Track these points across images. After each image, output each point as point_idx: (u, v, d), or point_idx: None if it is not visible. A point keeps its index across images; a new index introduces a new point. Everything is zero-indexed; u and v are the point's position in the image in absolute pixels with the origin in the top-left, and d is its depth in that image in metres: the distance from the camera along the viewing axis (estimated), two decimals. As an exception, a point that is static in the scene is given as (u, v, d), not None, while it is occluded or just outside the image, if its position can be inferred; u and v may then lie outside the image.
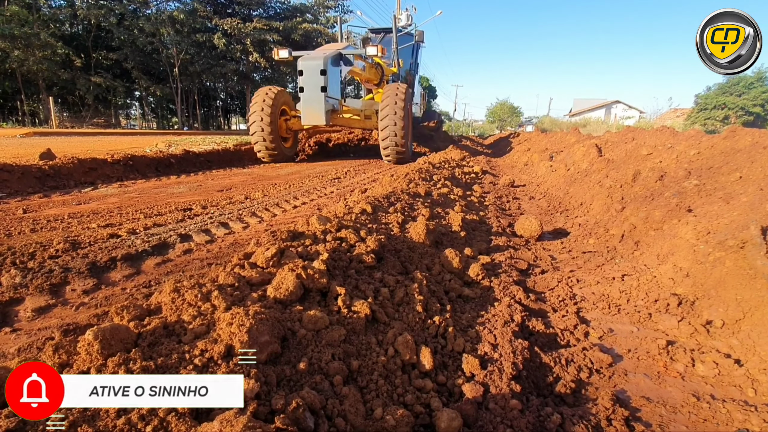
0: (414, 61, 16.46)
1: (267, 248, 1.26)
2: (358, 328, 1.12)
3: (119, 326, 0.82)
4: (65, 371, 0.74)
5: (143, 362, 0.75)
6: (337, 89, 8.55)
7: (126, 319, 0.93)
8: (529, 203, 4.64)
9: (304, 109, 8.18)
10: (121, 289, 2.24)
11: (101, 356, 0.75)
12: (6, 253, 2.65)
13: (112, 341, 0.78)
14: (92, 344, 0.76)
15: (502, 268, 2.13)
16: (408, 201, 2.77)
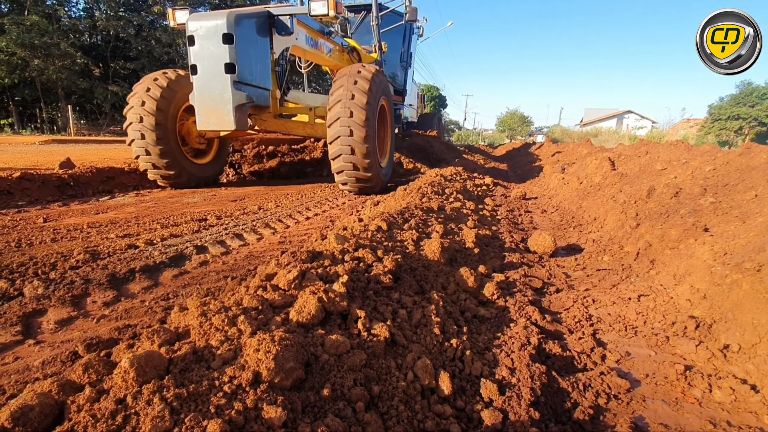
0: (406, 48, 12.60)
1: (289, 270, 1.29)
2: (378, 352, 1.13)
3: (153, 353, 0.84)
4: (102, 398, 0.77)
5: (176, 390, 0.77)
6: (263, 72, 5.40)
7: (156, 343, 0.96)
8: (541, 217, 4.63)
9: (198, 104, 4.97)
10: (140, 302, 2.28)
11: (136, 383, 0.78)
12: (28, 263, 2.72)
13: (146, 368, 0.81)
14: (128, 371, 0.79)
15: (516, 287, 2.13)
16: (422, 217, 2.79)
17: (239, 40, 4.87)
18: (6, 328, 1.91)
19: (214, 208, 4.88)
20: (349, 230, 2.12)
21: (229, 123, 4.98)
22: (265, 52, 5.52)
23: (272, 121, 6.09)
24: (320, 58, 7.16)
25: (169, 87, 5.79)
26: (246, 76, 5.08)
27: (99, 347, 1.70)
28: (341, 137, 5.21)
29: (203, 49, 4.90)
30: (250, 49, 5.16)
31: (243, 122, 5.11)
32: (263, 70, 5.48)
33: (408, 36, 12.60)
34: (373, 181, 5.64)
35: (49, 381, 0.95)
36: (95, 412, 0.73)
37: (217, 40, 4.80)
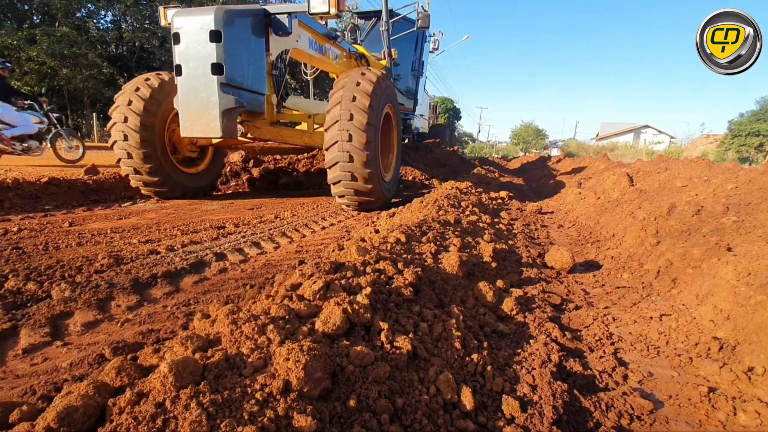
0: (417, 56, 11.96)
1: (314, 281, 1.32)
2: (401, 365, 1.15)
3: (189, 359, 0.87)
4: (143, 401, 0.80)
5: (212, 395, 0.80)
6: (257, 74, 4.91)
7: (190, 349, 0.99)
8: (558, 232, 4.59)
9: (182, 108, 4.51)
10: (162, 307, 2.33)
11: (174, 388, 0.81)
12: (55, 266, 2.81)
13: (183, 373, 0.84)
14: (167, 376, 0.82)
15: (535, 303, 2.12)
16: (439, 230, 2.80)
17: (228, 39, 4.40)
18: (35, 329, 1.98)
19: (232, 216, 4.97)
20: (368, 242, 2.15)
21: (215, 129, 4.48)
22: (260, 54, 4.98)
23: (267, 128, 5.51)
24: (326, 64, 6.67)
25: (161, 88, 5.35)
26: (236, 78, 4.56)
27: (125, 351, 1.74)
28: (339, 142, 4.67)
29: (189, 48, 4.39)
30: (242, 50, 4.65)
31: (231, 129, 4.59)
32: (257, 72, 4.95)
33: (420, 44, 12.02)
34: (375, 194, 5.06)
35: (85, 383, 0.98)
36: (136, 415, 0.76)
37: (204, 38, 4.31)
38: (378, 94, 5.00)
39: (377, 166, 5.07)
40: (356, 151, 4.70)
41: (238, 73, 4.62)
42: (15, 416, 1.24)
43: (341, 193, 5.08)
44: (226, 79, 4.45)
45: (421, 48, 12.21)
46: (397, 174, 6.47)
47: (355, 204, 5.22)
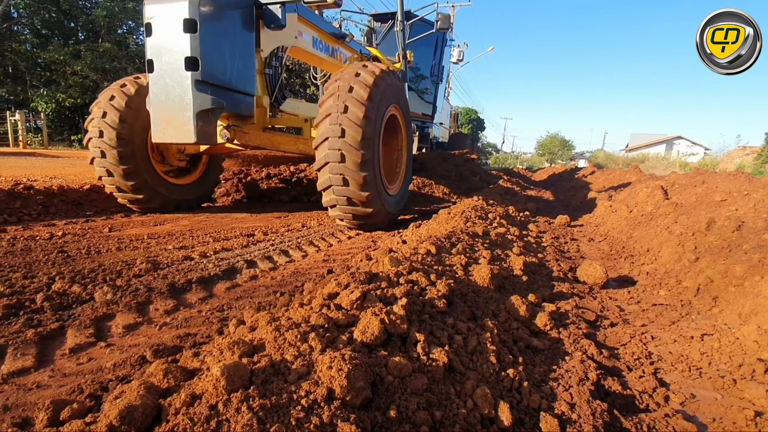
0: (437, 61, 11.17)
1: (351, 291, 1.34)
2: (437, 377, 1.15)
3: (239, 363, 0.91)
4: (196, 403, 0.83)
5: (261, 400, 0.83)
6: (244, 73, 4.39)
7: (237, 354, 1.02)
8: (588, 245, 4.48)
9: (153, 110, 4.04)
10: (197, 312, 2.41)
11: (226, 391, 0.84)
12: (98, 270, 2.94)
13: (234, 377, 0.87)
14: (219, 380, 0.85)
15: (569, 318, 2.07)
16: (468, 242, 2.79)
17: (206, 29, 3.85)
18: (81, 330, 2.07)
19: (261, 224, 5.08)
20: (399, 253, 2.16)
21: (187, 134, 3.90)
22: (248, 49, 4.46)
23: (256, 134, 4.89)
24: (334, 66, 6.12)
25: (138, 94, 4.77)
26: (215, 75, 4.02)
27: (165, 354, 1.81)
28: (330, 164, 4.02)
29: (161, 40, 3.88)
30: (224, 43, 4.11)
31: (207, 134, 4.01)
32: (244, 70, 4.41)
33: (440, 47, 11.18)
34: (377, 216, 4.44)
35: (136, 383, 1.03)
36: (192, 416, 0.79)
37: (178, 28, 3.77)
38: (380, 89, 4.33)
39: (377, 173, 4.33)
40: (351, 173, 3.99)
41: (218, 69, 4.07)
42: (66, 414, 1.30)
43: (332, 202, 4.27)
44: (203, 76, 3.88)
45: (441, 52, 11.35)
46: (405, 188, 5.57)
47: (350, 217, 4.42)
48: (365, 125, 4.04)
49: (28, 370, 1.72)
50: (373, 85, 4.23)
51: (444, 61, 11.72)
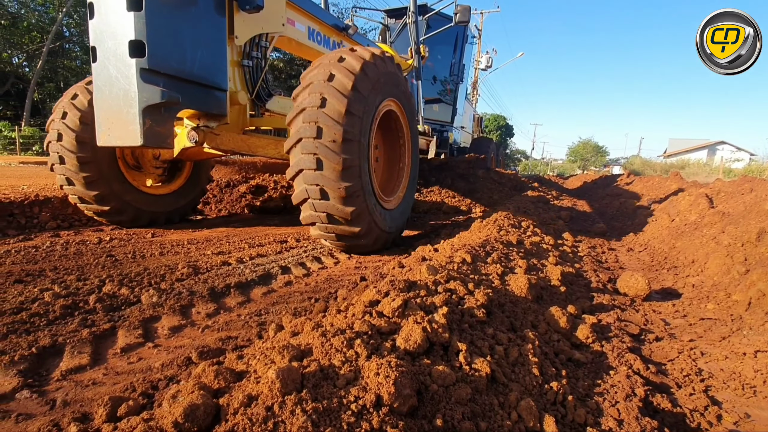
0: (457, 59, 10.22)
1: (393, 299, 1.36)
2: (480, 387, 1.14)
3: (292, 367, 0.94)
4: (253, 404, 0.87)
5: (313, 403, 0.85)
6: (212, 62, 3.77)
7: (286, 358, 1.06)
8: (627, 255, 4.32)
9: (97, 106, 3.38)
10: (237, 315, 2.49)
11: (280, 394, 0.87)
12: (143, 274, 3.09)
13: (288, 380, 0.90)
14: (274, 382, 0.88)
15: (611, 332, 2.01)
16: (503, 250, 2.75)
17: (154, 7, 3.13)
18: (130, 331, 2.18)
19: (293, 230, 5.19)
20: (434, 261, 2.16)
21: (133, 135, 3.20)
22: (217, 35, 3.77)
23: (230, 136, 4.10)
24: None
25: None
26: (168, 63, 3.31)
27: (209, 356, 1.88)
28: (305, 172, 3.27)
29: (104, 23, 3.20)
30: (182, 26, 3.41)
31: (159, 135, 3.28)
32: (211, 60, 3.71)
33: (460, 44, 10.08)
34: (367, 236, 3.63)
35: (191, 383, 1.08)
36: (250, 416, 0.83)
37: (122, 6, 3.08)
38: (371, 77, 3.51)
39: (366, 182, 3.50)
40: (328, 154, 3.17)
41: (173, 56, 3.36)
42: (123, 410, 1.37)
43: (310, 219, 3.51)
44: (150, 63, 3.16)
45: (462, 49, 10.24)
46: (409, 200, 4.61)
47: (333, 237, 3.66)
48: (348, 123, 3.25)
49: (84, 367, 1.82)
50: (361, 73, 3.39)
51: (465, 59, 10.64)
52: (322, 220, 3.49)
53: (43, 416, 1.47)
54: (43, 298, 2.44)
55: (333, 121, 3.22)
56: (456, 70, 10.47)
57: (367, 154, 3.60)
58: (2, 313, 2.21)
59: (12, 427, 1.43)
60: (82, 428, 1.28)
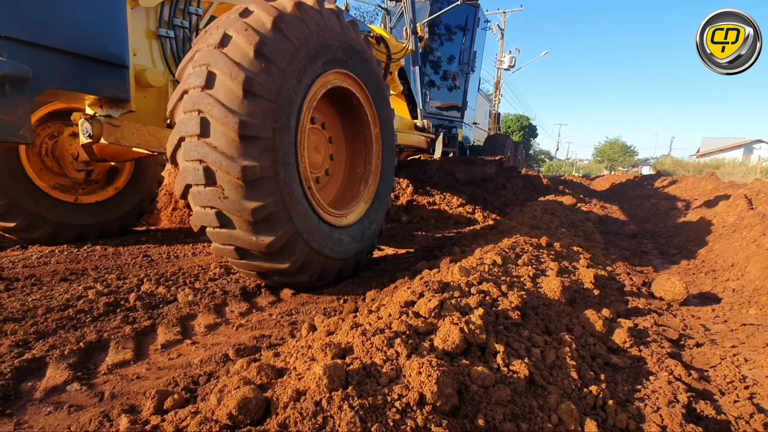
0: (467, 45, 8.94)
1: (429, 299, 1.37)
2: (519, 389, 1.14)
3: (338, 364, 0.97)
4: (302, 399, 0.90)
5: (359, 400, 0.87)
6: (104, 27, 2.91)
7: (329, 356, 1.08)
8: (661, 258, 4.19)
9: None
10: (269, 315, 2.54)
11: (327, 390, 0.90)
12: (178, 273, 3.19)
13: (334, 377, 0.93)
14: (322, 378, 0.91)
15: (649, 336, 1.96)
16: (533, 252, 2.72)
17: None
18: (169, 328, 2.26)
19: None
20: (465, 262, 2.16)
21: None
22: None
23: (134, 129, 3.14)
24: None
25: None
26: (15, 22, 2.48)
27: (245, 353, 1.93)
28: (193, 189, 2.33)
29: None
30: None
31: (7, 126, 2.46)
32: (99, 24, 2.87)
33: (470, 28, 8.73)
34: (305, 271, 2.70)
35: (237, 378, 1.12)
36: (300, 410, 0.85)
37: None
38: (295, 38, 2.41)
39: (294, 197, 2.50)
40: (219, 160, 2.18)
41: (21, 16, 2.51)
42: (169, 403, 1.43)
43: (218, 253, 2.58)
44: None
45: (472, 34, 8.89)
46: (377, 212, 3.42)
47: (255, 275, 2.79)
48: (250, 110, 2.19)
49: (128, 362, 1.91)
50: (274, 32, 2.30)
51: (477, 45, 9.27)
52: (233, 256, 2.50)
53: (93, 408, 1.55)
54: (87, 296, 2.56)
55: (224, 109, 2.13)
56: (466, 58, 9.04)
57: (294, 156, 2.50)
58: (51, 309, 2.33)
59: (65, 418, 1.51)
60: (131, 419, 1.34)
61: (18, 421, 1.50)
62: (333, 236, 2.90)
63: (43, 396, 1.63)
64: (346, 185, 3.48)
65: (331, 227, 2.91)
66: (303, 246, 2.60)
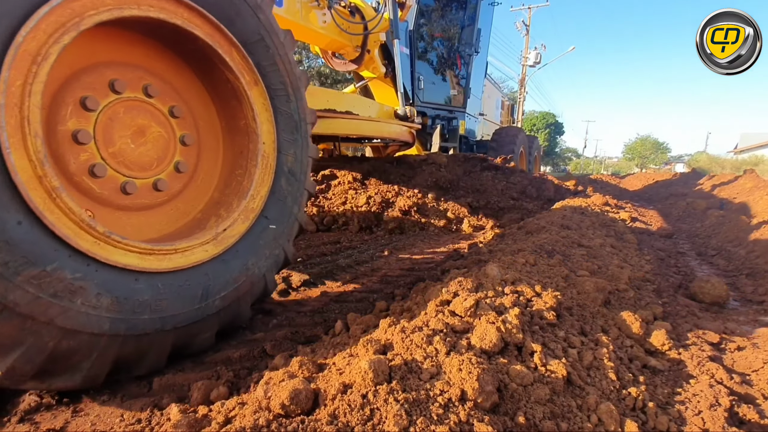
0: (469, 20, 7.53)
1: (464, 299, 1.39)
2: (557, 389, 1.15)
3: (381, 360, 1.01)
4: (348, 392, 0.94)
5: (403, 394, 0.91)
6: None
7: (371, 351, 1.13)
8: (698, 260, 4.05)
9: None
10: (300, 313, 2.62)
11: (372, 383, 0.94)
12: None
13: (379, 371, 0.97)
14: (367, 372, 0.95)
15: (688, 339, 1.91)
16: (564, 252, 2.69)
17: None
18: (208, 324, 2.36)
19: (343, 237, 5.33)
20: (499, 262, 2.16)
21: None
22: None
23: None
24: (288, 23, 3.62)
25: None
26: None
27: (282, 349, 2.00)
28: None
29: None
30: None
31: None
32: None
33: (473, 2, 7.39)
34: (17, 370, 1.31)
35: (281, 371, 1.17)
36: (348, 402, 0.90)
37: None
38: None
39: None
40: None
41: None
42: (215, 395, 1.51)
43: None
44: None
45: (476, 9, 7.50)
46: (260, 234, 2.18)
47: None
48: None
49: (172, 355, 2.00)
50: None
51: (481, 23, 7.76)
52: None
53: (143, 397, 1.65)
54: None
55: None
56: (469, 37, 7.60)
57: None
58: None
59: (118, 406, 1.61)
60: (181, 409, 1.42)
61: (75, 409, 1.62)
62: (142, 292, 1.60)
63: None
64: (184, 198, 2.12)
65: (141, 275, 1.61)
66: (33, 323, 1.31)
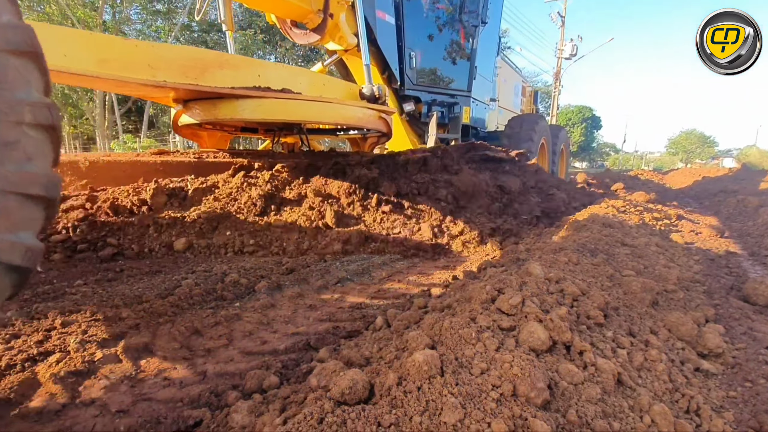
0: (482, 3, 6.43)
1: (510, 296, 1.40)
2: (608, 389, 1.14)
3: (433, 353, 1.04)
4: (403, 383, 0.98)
5: (457, 387, 0.94)
6: None
7: (421, 345, 1.16)
8: (751, 260, 3.83)
9: None
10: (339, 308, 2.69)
11: (426, 376, 0.97)
12: (255, 267, 3.44)
13: (432, 365, 1.00)
14: (421, 365, 0.99)
15: (742, 342, 1.83)
16: (608, 251, 2.63)
17: None
18: (252, 316, 2.47)
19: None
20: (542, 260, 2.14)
21: None
22: None
23: None
24: None
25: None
26: None
27: (324, 342, 2.07)
28: None
29: None
30: None
31: None
32: None
33: None
34: None
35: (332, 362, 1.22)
36: (404, 392, 0.94)
37: None
38: None
39: None
40: None
41: None
42: (267, 384, 1.58)
43: None
44: None
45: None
46: None
47: None
48: None
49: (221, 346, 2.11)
50: None
51: None
52: None
53: (200, 384, 1.75)
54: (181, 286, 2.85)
55: None
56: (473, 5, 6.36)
57: None
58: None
59: (177, 391, 1.72)
60: (236, 396, 1.50)
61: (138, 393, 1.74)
62: None
63: (157, 372, 1.86)
64: None
65: None
66: None
